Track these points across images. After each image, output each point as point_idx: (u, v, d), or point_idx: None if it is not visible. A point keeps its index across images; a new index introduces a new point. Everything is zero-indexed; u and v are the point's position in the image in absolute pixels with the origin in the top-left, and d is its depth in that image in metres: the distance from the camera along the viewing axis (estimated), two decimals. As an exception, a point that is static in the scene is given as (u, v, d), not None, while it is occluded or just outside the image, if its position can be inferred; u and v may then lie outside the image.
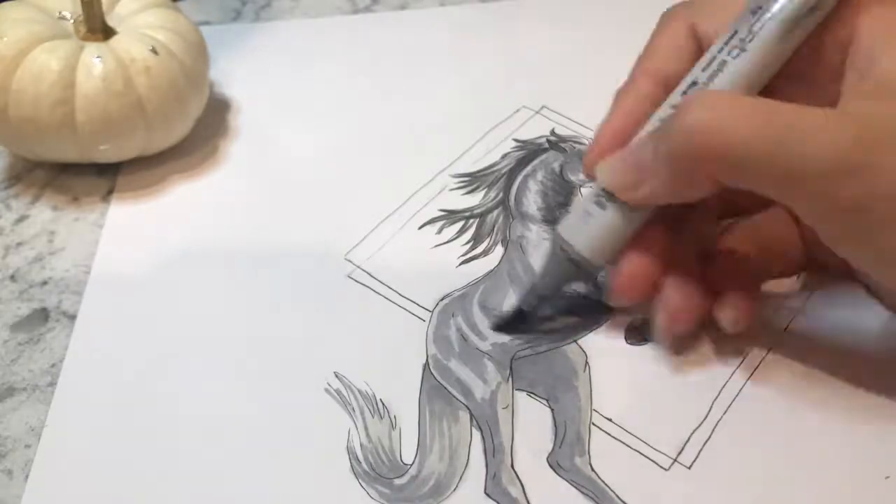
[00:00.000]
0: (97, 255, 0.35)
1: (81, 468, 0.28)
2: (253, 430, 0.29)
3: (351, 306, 0.33)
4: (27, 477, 0.28)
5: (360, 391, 0.30)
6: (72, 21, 0.37)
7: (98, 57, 0.35)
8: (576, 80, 0.42)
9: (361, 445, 0.28)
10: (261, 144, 0.40)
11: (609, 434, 0.29)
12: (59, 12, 0.37)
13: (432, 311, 0.32)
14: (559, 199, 0.36)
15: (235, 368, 0.31)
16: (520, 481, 0.27)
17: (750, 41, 0.26)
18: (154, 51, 0.36)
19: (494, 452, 0.28)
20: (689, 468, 0.28)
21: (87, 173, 0.38)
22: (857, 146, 0.24)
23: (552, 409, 0.29)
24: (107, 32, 0.36)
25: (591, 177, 0.29)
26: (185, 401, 0.30)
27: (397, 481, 0.27)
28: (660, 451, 0.28)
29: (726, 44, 0.26)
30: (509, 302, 0.32)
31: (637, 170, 0.27)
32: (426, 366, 0.31)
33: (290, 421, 0.29)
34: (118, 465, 0.28)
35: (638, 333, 0.31)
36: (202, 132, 0.39)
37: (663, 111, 0.27)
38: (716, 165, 0.25)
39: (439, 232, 0.35)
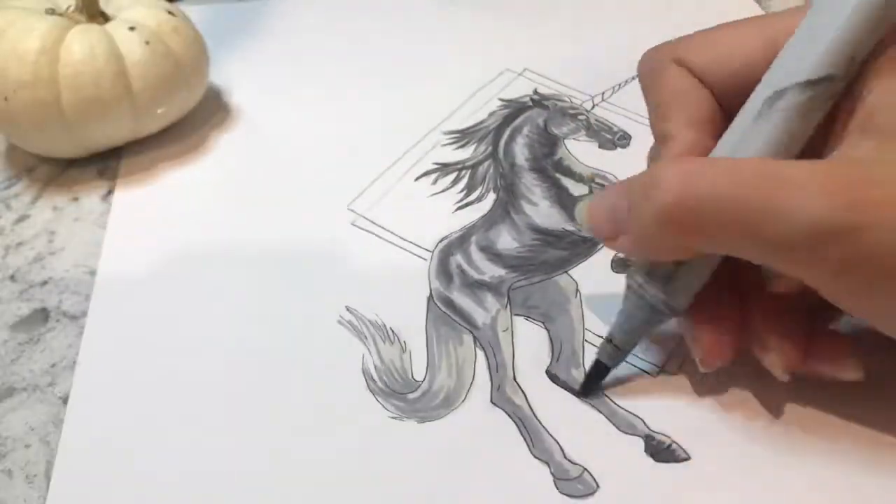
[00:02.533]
0: (102, 255, 0.35)
1: (104, 461, 0.29)
2: (270, 368, 0.31)
3: (357, 251, 0.35)
4: (27, 477, 0.28)
5: (370, 321, 0.32)
6: (64, 12, 0.37)
7: (90, 37, 0.36)
8: (556, 43, 0.45)
9: (375, 367, 0.31)
10: (261, 122, 0.41)
11: (601, 349, 0.31)
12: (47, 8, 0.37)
13: (433, 251, 0.35)
14: (545, 150, 0.39)
15: (253, 311, 0.33)
16: (522, 391, 0.30)
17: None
18: (148, 42, 0.37)
19: (497, 368, 0.31)
20: (674, 375, 0.30)
21: (88, 174, 0.39)
22: (837, 204, 0.22)
23: (548, 330, 0.32)
24: (105, 18, 0.38)
25: None
26: (205, 334, 0.32)
27: (410, 395, 0.30)
28: (647, 361, 0.31)
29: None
30: (503, 240, 0.35)
31: (613, 224, 0.26)
32: (430, 298, 0.33)
33: (307, 353, 0.31)
34: (143, 445, 0.29)
35: (622, 263, 0.34)
36: (200, 125, 0.41)
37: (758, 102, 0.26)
38: (688, 234, 0.24)
39: (434, 183, 0.38)
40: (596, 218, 0.27)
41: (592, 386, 0.30)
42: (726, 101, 0.28)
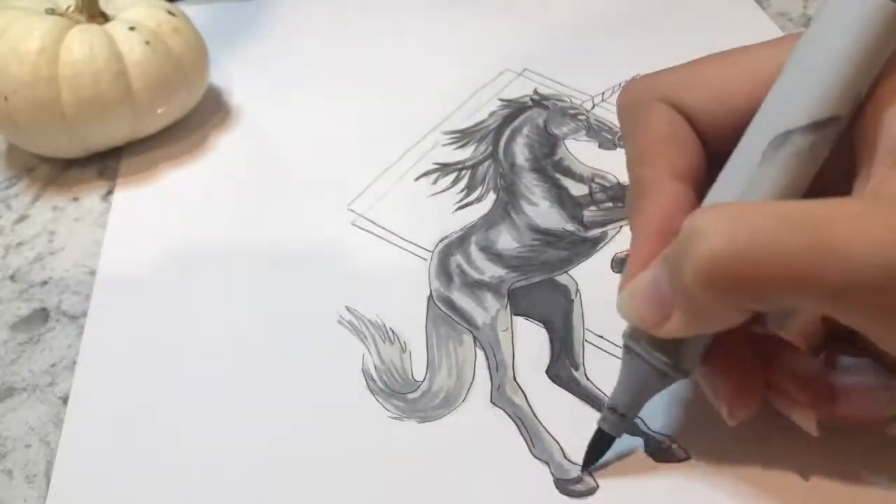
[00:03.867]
0: (102, 255, 0.35)
1: (104, 463, 0.28)
2: (270, 368, 0.31)
3: (357, 250, 0.35)
4: (27, 477, 0.28)
5: (370, 321, 0.32)
6: (64, 12, 0.38)
7: (90, 37, 0.36)
8: (556, 43, 0.45)
9: (375, 367, 0.31)
10: (261, 122, 0.42)
11: (601, 349, 0.31)
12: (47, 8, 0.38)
13: (433, 251, 0.35)
14: (545, 151, 0.39)
15: (253, 311, 0.33)
16: (522, 391, 0.30)
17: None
18: (148, 42, 0.37)
19: (497, 368, 0.31)
20: (675, 374, 0.30)
21: (88, 174, 0.39)
22: None
23: (548, 330, 0.32)
24: (105, 18, 0.38)
25: None
26: (205, 334, 0.32)
27: (410, 395, 0.30)
28: (648, 362, 0.31)
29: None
30: (504, 240, 0.35)
31: (658, 304, 0.23)
32: (430, 298, 0.33)
33: (307, 353, 0.31)
34: (144, 445, 0.29)
35: (622, 262, 0.34)
36: (200, 125, 0.41)
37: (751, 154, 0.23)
38: (742, 295, 0.21)
39: (434, 183, 0.38)
40: (638, 300, 0.24)
41: (595, 458, 0.27)
42: (716, 143, 0.26)
